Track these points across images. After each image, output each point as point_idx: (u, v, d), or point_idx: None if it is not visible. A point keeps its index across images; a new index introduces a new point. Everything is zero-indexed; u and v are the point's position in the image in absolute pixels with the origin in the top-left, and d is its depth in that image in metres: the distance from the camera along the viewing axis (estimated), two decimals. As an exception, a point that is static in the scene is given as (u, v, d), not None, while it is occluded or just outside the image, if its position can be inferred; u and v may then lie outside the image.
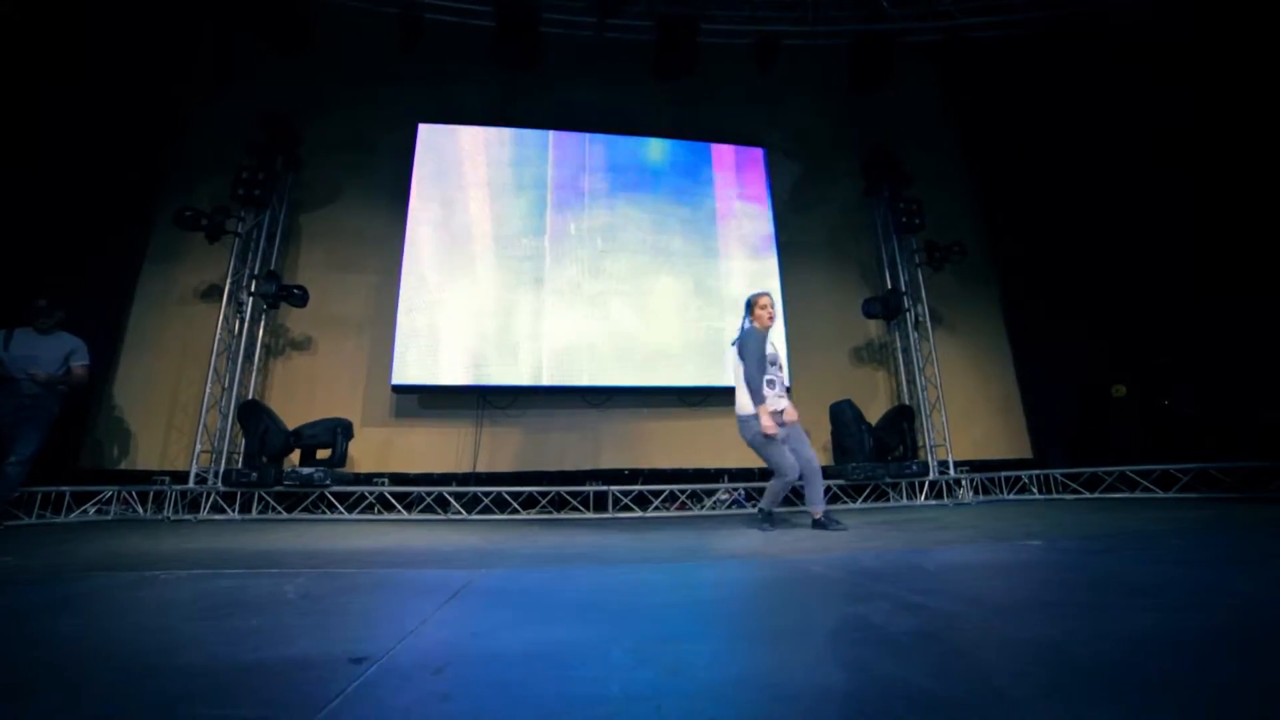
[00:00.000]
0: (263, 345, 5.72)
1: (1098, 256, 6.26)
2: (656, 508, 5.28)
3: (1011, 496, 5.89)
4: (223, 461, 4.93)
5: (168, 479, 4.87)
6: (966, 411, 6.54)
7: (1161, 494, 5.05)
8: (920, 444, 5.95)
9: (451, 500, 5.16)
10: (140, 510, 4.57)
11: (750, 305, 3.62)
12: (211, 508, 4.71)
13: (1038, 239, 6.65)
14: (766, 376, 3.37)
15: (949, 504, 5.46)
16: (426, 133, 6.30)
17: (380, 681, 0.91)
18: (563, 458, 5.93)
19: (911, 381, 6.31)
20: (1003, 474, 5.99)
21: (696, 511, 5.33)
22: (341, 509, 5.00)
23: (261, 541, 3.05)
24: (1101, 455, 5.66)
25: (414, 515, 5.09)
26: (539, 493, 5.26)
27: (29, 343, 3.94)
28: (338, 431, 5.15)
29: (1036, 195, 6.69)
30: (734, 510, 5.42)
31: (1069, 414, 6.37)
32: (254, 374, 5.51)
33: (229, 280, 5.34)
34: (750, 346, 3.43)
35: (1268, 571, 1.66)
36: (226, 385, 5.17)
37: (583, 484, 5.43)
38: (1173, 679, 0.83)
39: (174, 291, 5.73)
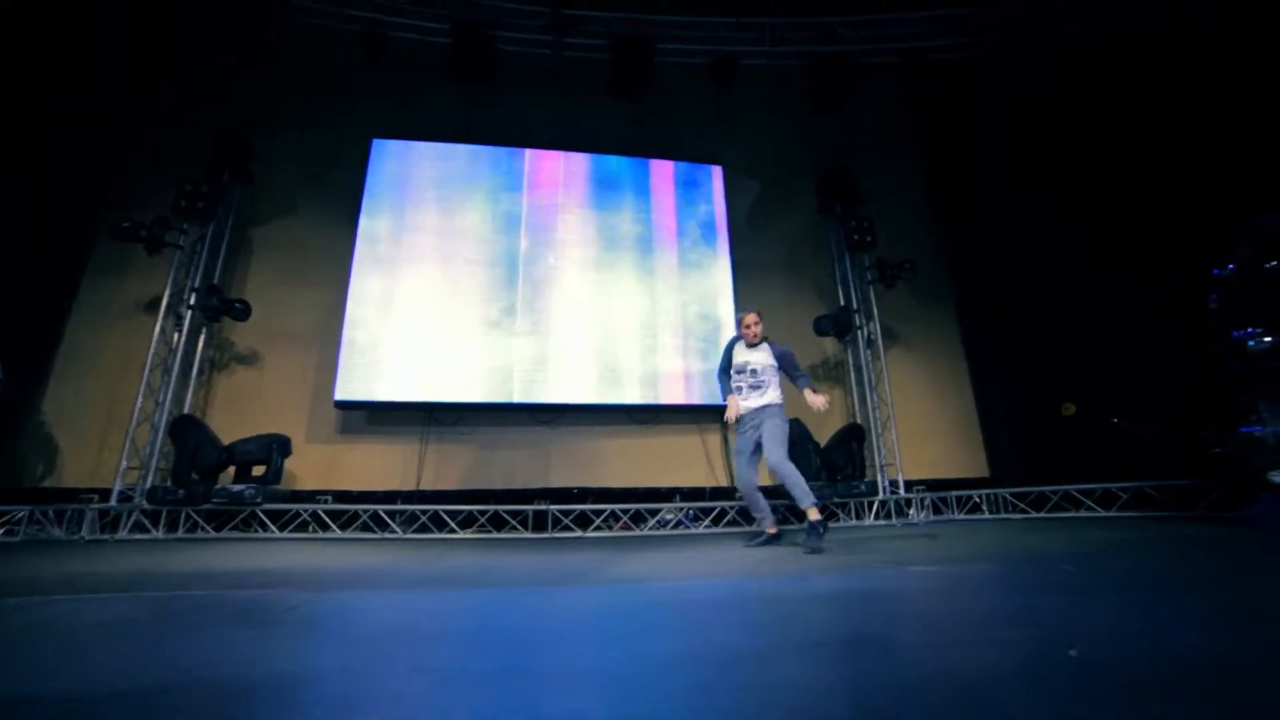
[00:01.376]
0: (205, 359, 5.63)
1: (1053, 276, 6.27)
2: (598, 527, 5.18)
3: (963, 516, 5.83)
4: (149, 478, 4.80)
5: (95, 497, 4.74)
6: (923, 430, 6.50)
7: (1103, 512, 5.01)
8: (870, 463, 5.89)
9: (387, 519, 5.06)
10: (57, 530, 4.42)
11: (738, 322, 4.01)
12: (135, 527, 4.57)
13: (994, 257, 6.66)
14: (733, 382, 3.83)
15: (898, 524, 5.39)
16: (381, 148, 6.29)
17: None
18: (511, 476, 5.83)
19: (864, 400, 6.27)
20: (955, 493, 5.94)
21: (639, 531, 5.23)
22: (273, 528, 4.88)
23: (155, 563, 2.95)
24: (1055, 474, 5.61)
25: (349, 534, 4.98)
26: (478, 511, 5.16)
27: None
28: (273, 447, 5.05)
29: (993, 214, 6.72)
30: (678, 530, 5.33)
31: (1025, 432, 6.33)
32: (192, 389, 5.41)
33: (168, 293, 5.26)
34: (725, 349, 4.00)
35: (1104, 600, 1.60)
36: (161, 400, 5.06)
37: (530, 503, 5.34)
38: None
39: (114, 304, 5.64)
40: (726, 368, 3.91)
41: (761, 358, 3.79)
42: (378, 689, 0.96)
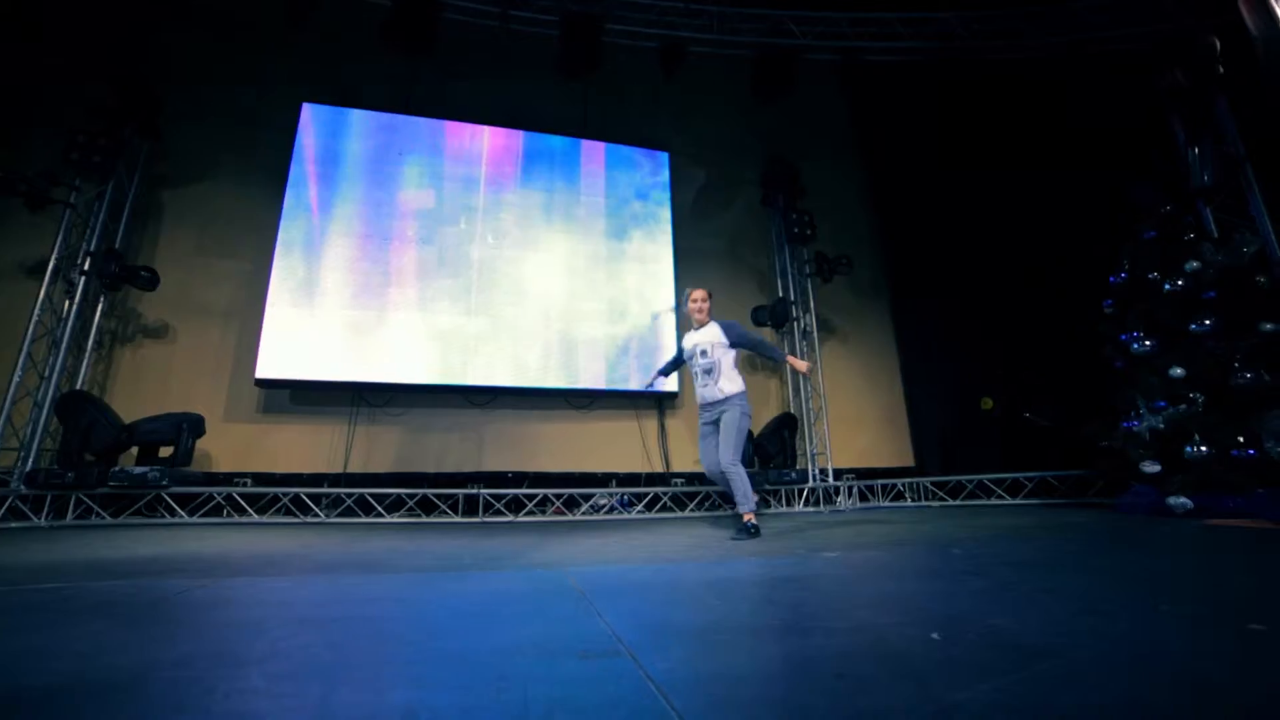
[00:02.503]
0: (105, 331, 5.20)
1: (977, 278, 6.61)
2: (530, 511, 5.15)
3: (887, 504, 6.12)
4: (30, 460, 4.40)
5: (-33, 480, 4.32)
6: (853, 421, 6.76)
7: (1010, 500, 5.37)
8: (802, 452, 6.09)
9: (311, 503, 4.85)
10: None
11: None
12: (11, 513, 4.18)
13: (925, 256, 6.95)
14: (691, 368, 3.72)
15: (825, 511, 5.60)
16: (311, 113, 5.93)
17: None
18: (443, 459, 5.70)
19: (798, 391, 6.45)
20: (881, 482, 6.22)
21: (573, 516, 5.23)
22: (182, 512, 4.60)
23: (23, 553, 2.71)
24: (971, 464, 5.97)
25: (268, 518, 4.75)
26: (406, 495, 5.02)
27: None
28: (183, 427, 4.73)
29: (924, 215, 6.99)
30: (613, 515, 5.36)
31: (947, 425, 6.69)
32: (88, 362, 4.99)
33: (55, 256, 4.80)
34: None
35: (978, 581, 1.71)
36: (46, 374, 4.64)
37: (463, 486, 5.24)
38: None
39: (-8, 267, 5.12)
40: (677, 360, 3.94)
41: (709, 336, 3.61)
42: (208, 685, 0.91)
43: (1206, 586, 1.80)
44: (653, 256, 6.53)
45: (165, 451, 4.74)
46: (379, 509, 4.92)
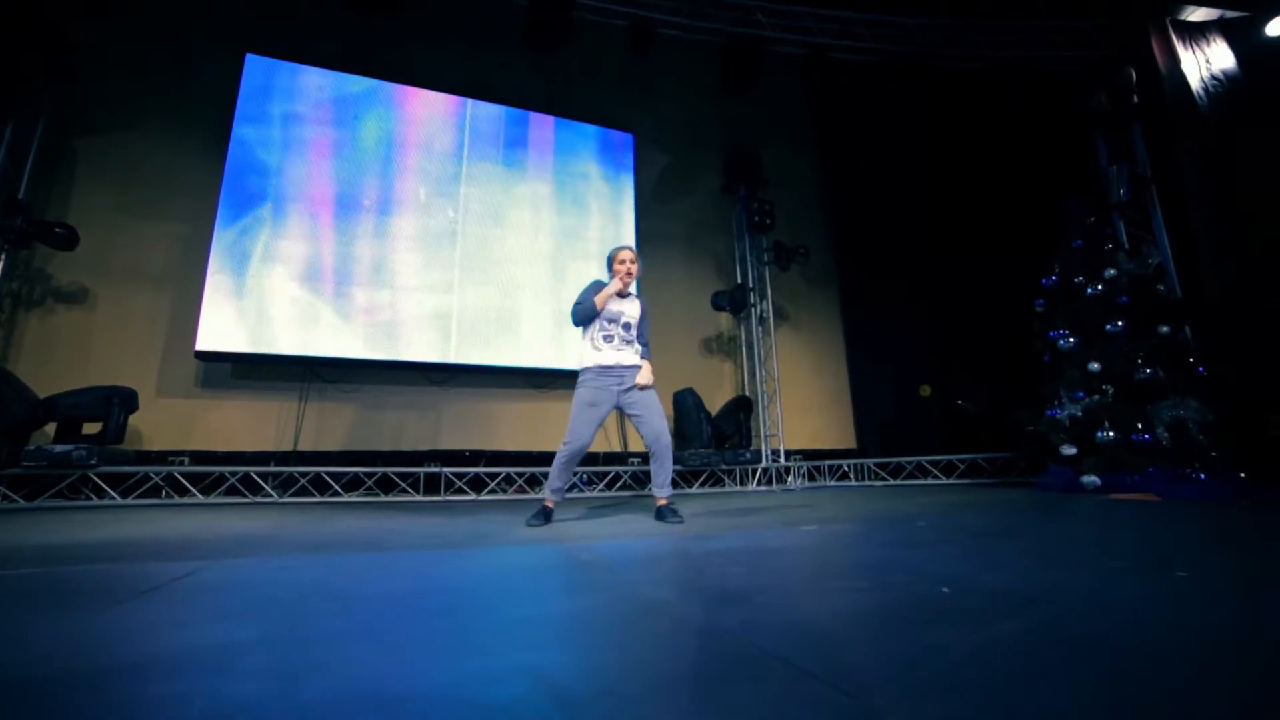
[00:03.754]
0: (4, 294, 4.66)
1: (919, 273, 7.09)
2: (491, 490, 5.13)
3: (833, 484, 6.52)
4: (-69, 436, 3.93)
5: None
6: (803, 404, 7.12)
7: (945, 480, 5.87)
8: (756, 433, 6.37)
9: (262, 482, 4.61)
10: None
11: (610, 259, 3.18)
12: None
13: (872, 250, 7.38)
14: (599, 330, 3.06)
15: (776, 490, 5.91)
16: (256, 65, 5.48)
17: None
18: (399, 437, 5.55)
19: (753, 374, 6.72)
20: (827, 463, 6.62)
21: (534, 495, 5.25)
22: (114, 494, 4.25)
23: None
24: (908, 446, 6.46)
25: (212, 499, 4.48)
26: (365, 473, 4.87)
27: None
28: (113, 402, 4.36)
29: (873, 210, 7.40)
30: (573, 494, 5.42)
31: (887, 410, 7.19)
32: (-6, 328, 4.47)
33: (-49, 207, 4.25)
34: (582, 293, 3.12)
35: (952, 547, 1.94)
36: (-53, 340, 4.13)
37: (419, 465, 5.13)
38: (778, 664, 0.89)
39: (-126, 216, 4.46)
40: (591, 312, 3.06)
41: (635, 310, 3.15)
42: (320, 661, 0.93)
43: (1128, 545, 2.10)
44: (615, 238, 6.55)
45: (90, 429, 4.35)
46: (336, 488, 4.74)
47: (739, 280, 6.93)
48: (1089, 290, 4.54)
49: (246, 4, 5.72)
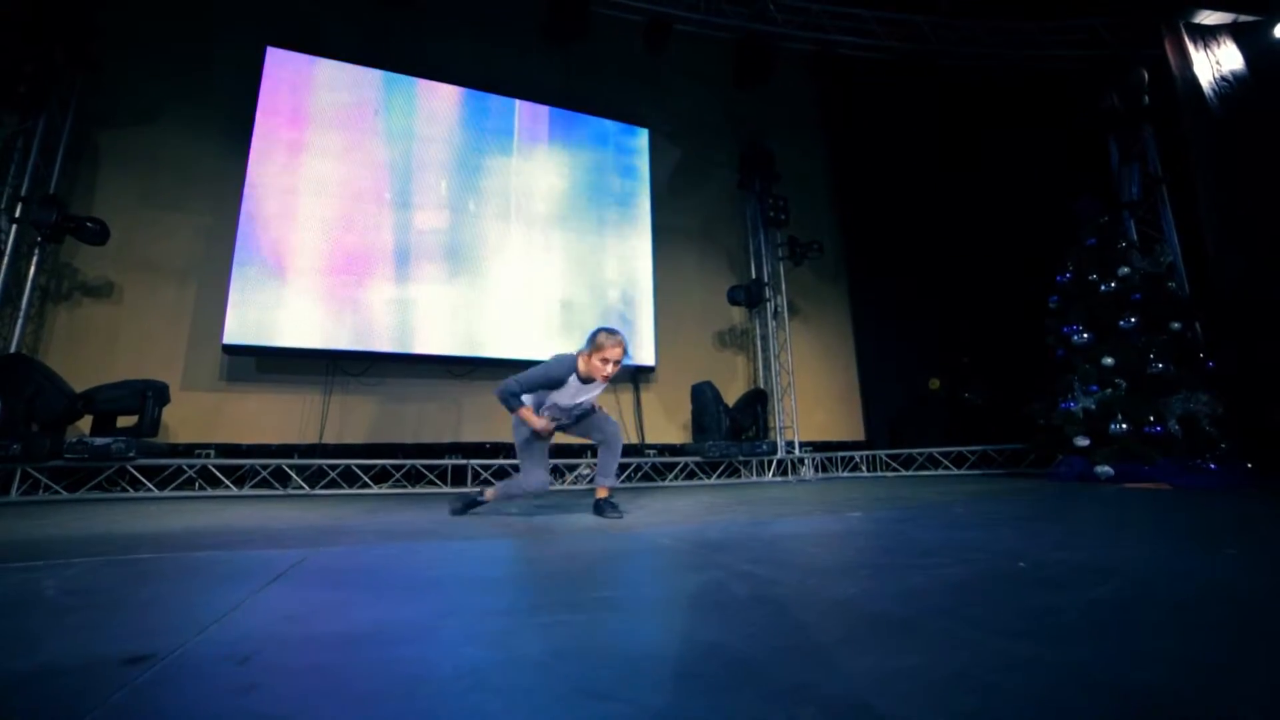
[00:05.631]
0: (37, 288, 4.67)
1: (930, 267, 7.23)
2: (522, 483, 5.21)
3: (845, 474, 6.68)
4: (-30, 428, 3.96)
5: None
6: (813, 397, 7.26)
7: (955, 470, 6.04)
8: (771, 425, 6.50)
9: (292, 474, 4.68)
10: None
11: (592, 340, 2.79)
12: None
13: (881, 245, 7.50)
14: (547, 413, 2.88)
15: (793, 480, 6.05)
16: (277, 59, 5.48)
17: (165, 680, 0.80)
18: (420, 430, 5.62)
19: (768, 367, 6.84)
20: (838, 454, 6.76)
21: (559, 485, 5.35)
22: (150, 485, 4.30)
23: (16, 529, 2.52)
24: (919, 438, 6.62)
25: (245, 491, 4.54)
26: (393, 466, 4.95)
27: None
28: (148, 395, 4.39)
29: (883, 206, 7.52)
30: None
31: (896, 402, 7.35)
32: (21, 322, 4.48)
33: (-16, 201, 4.26)
34: (543, 370, 2.78)
35: (1003, 530, 2.06)
36: (-18, 334, 4.15)
37: (441, 457, 5.21)
38: (925, 620, 1.00)
39: (-99, 209, 4.45)
40: (518, 406, 2.78)
41: (596, 393, 2.95)
42: (510, 628, 1.03)
43: (1169, 527, 2.24)
44: (631, 232, 6.63)
45: (123, 421, 4.39)
46: (365, 479, 4.81)
47: (753, 275, 7.04)
48: (1103, 287, 4.69)
49: (267, -4, 5.69)
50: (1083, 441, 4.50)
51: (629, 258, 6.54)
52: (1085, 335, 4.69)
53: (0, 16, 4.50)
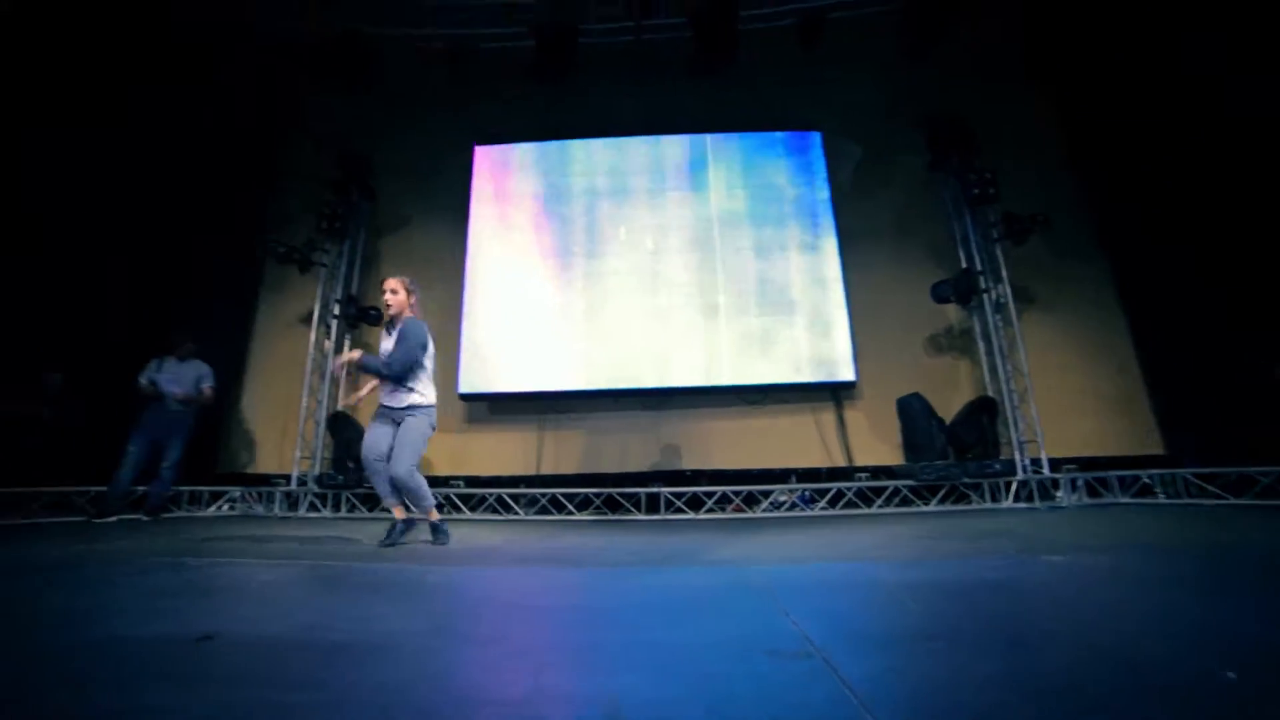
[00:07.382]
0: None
1: (1233, 210, 5.23)
2: (709, 509, 5.21)
3: (1128, 499, 5.11)
4: (316, 466, 5.58)
5: (283, 481, 5.61)
6: (1071, 403, 5.76)
7: (1322, 496, 4.14)
8: (1005, 440, 5.35)
9: (511, 502, 5.44)
10: (259, 508, 5.40)
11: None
12: (309, 506, 5.36)
13: (1153, 201, 5.69)
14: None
15: (1041, 507, 4.86)
16: (482, 153, 6.71)
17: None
18: (623, 460, 6.00)
19: (995, 371, 5.69)
20: (1115, 473, 5.21)
21: (752, 514, 5.18)
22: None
23: (311, 535, 3.42)
24: (1258, 451, 4.69)
25: (477, 515, 5.43)
26: (593, 494, 5.40)
27: (172, 368, 4.84)
28: (417, 437, 5.62)
29: (1145, 152, 5.73)
30: (794, 513, 5.20)
31: (1212, 402, 5.35)
32: (343, 389, 6.15)
33: (318, 305, 6.03)
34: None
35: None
36: (320, 399, 5.83)
37: (643, 485, 5.47)
38: None
39: (282, 316, 6.56)
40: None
41: (394, 338, 3.34)
42: (441, 659, 1.07)
43: None
44: (814, 243, 6.26)
45: (400, 458, 5.67)
46: (570, 507, 5.35)
47: (963, 265, 6.00)
48: None
49: (469, 104, 6.97)
50: None
51: (816, 269, 6.19)
52: None
53: (312, 177, 6.43)
